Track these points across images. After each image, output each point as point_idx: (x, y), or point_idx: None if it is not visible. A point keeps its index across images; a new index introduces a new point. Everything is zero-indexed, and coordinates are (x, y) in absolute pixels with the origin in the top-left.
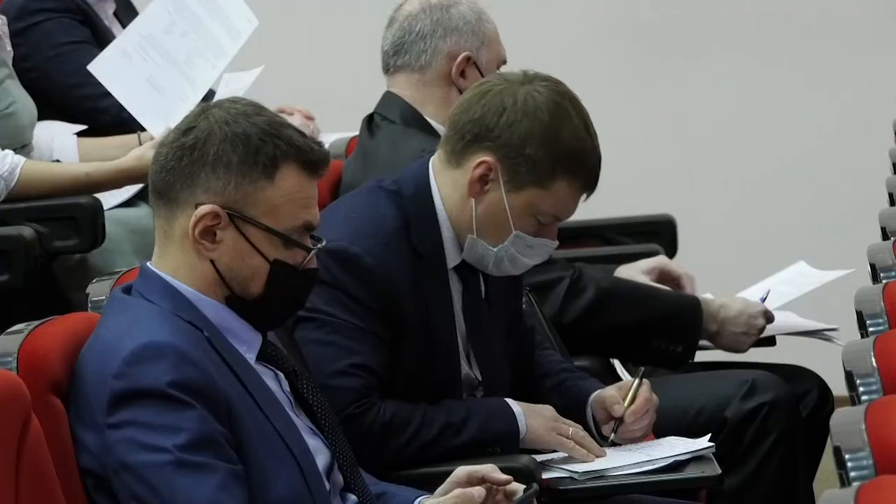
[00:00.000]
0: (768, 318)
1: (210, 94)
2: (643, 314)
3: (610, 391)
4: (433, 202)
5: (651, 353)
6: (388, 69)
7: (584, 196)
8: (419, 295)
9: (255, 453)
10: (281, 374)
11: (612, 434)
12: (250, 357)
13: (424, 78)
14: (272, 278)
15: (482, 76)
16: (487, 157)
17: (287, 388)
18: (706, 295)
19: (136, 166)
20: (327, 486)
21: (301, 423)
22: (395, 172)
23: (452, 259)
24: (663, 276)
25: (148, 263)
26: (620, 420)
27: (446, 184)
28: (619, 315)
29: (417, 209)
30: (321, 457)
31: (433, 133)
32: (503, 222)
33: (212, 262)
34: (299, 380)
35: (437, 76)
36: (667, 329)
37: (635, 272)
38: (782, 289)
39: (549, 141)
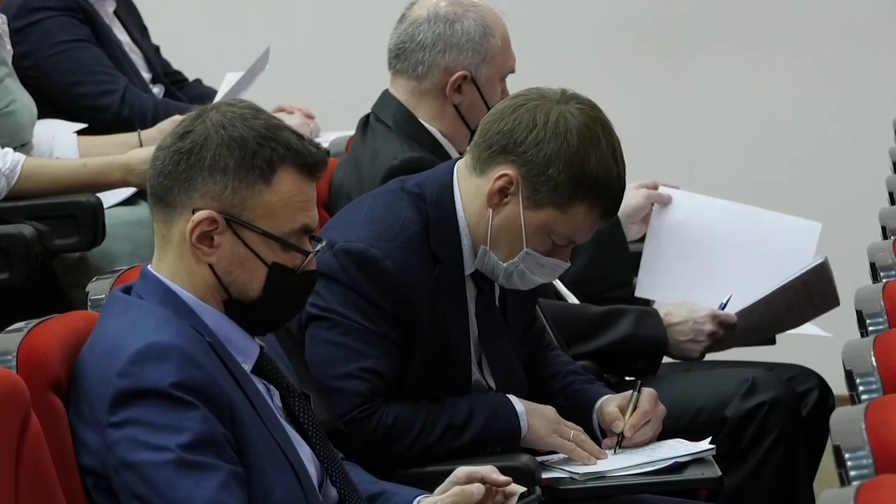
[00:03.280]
0: (727, 324)
1: (212, 92)
2: (596, 346)
3: (609, 407)
4: (454, 207)
5: (621, 370)
6: (390, 67)
7: (602, 223)
8: (435, 300)
9: (255, 456)
10: (273, 389)
11: (616, 447)
12: (246, 368)
13: (420, 87)
14: (270, 282)
15: (480, 93)
16: (510, 171)
17: (279, 404)
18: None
19: (136, 157)
20: (320, 497)
21: (293, 435)
22: (372, 181)
23: (469, 265)
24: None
25: (148, 266)
26: (622, 436)
27: (468, 190)
28: (572, 346)
29: (438, 213)
30: (313, 469)
31: (420, 139)
32: (516, 238)
33: (210, 266)
34: (291, 396)
35: (433, 88)
36: (625, 356)
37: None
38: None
39: (574, 165)
